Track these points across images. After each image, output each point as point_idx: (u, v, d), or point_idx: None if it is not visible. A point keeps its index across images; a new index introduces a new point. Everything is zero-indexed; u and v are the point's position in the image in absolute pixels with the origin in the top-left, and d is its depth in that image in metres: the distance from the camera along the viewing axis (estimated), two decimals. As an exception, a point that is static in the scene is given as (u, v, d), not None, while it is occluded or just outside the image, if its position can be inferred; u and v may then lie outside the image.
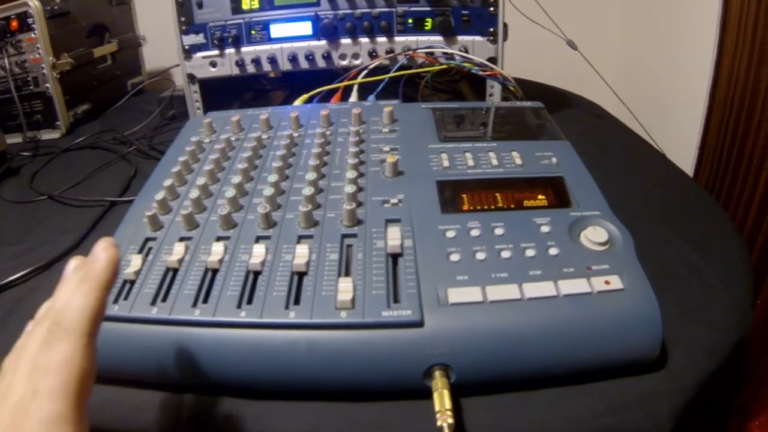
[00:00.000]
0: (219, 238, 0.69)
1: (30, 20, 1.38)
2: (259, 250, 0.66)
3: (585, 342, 0.59)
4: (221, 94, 1.32)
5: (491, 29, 1.15)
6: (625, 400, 0.58)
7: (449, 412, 0.53)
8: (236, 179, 0.77)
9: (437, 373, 0.56)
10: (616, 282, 0.61)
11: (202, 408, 0.60)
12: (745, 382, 1.08)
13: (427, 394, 0.56)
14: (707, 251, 0.80)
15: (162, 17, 1.34)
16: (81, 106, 1.55)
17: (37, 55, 1.41)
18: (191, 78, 1.24)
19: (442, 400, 0.54)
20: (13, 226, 1.03)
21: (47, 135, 1.47)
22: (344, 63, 1.20)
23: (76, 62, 1.48)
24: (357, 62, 1.19)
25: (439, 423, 0.52)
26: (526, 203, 0.72)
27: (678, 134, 1.66)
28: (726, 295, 0.72)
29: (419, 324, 0.57)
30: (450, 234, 0.67)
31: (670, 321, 0.61)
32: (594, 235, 0.66)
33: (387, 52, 1.17)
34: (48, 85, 1.43)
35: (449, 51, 1.14)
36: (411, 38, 1.17)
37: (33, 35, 1.39)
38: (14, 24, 1.39)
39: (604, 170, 0.80)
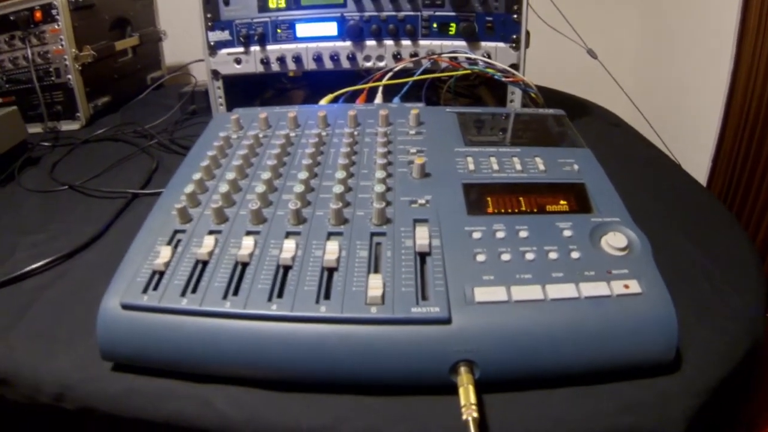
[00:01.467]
0: (249, 233, 0.71)
1: (54, 11, 1.40)
2: (289, 245, 0.67)
3: (604, 343, 0.60)
4: (241, 90, 1.33)
5: (514, 36, 1.16)
6: (640, 401, 0.59)
7: (474, 407, 0.54)
8: (265, 175, 0.78)
9: (463, 369, 0.57)
10: (634, 286, 0.62)
11: (227, 398, 0.61)
12: (754, 392, 1.09)
13: (448, 389, 0.58)
14: (721, 260, 0.81)
15: (183, 13, 1.35)
16: (101, 98, 1.56)
17: (60, 47, 1.42)
18: (215, 74, 1.25)
19: (467, 395, 0.55)
20: (34, 215, 1.04)
21: (67, 126, 1.49)
22: (369, 64, 1.21)
23: (98, 55, 1.50)
24: (381, 64, 1.20)
25: (464, 417, 0.53)
26: (549, 208, 0.73)
27: (693, 144, 1.66)
28: (739, 303, 0.73)
29: (447, 321, 0.59)
30: (476, 235, 0.68)
31: (685, 326, 0.62)
32: (614, 241, 0.67)
33: (411, 56, 1.19)
34: (70, 76, 1.45)
35: (472, 56, 1.15)
36: (435, 42, 1.18)
37: (56, 26, 1.41)
38: (38, 15, 1.41)
39: (620, 178, 0.81)
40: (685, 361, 0.63)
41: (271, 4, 1.19)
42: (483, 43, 1.18)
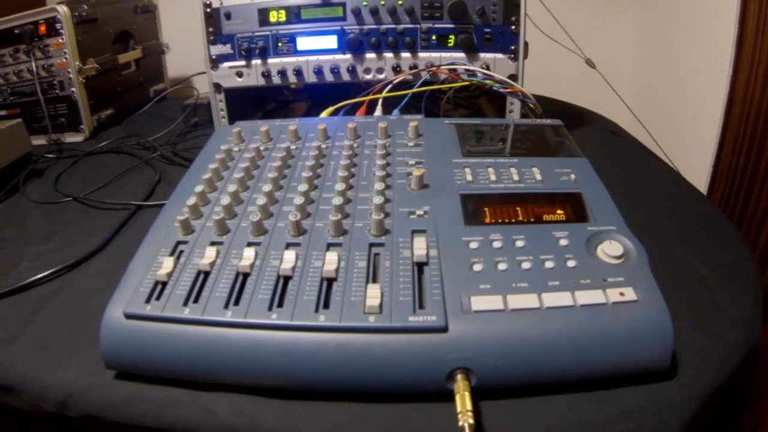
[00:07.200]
0: (250, 244, 0.72)
1: (58, 25, 1.42)
2: (289, 256, 0.68)
3: (599, 350, 0.61)
4: (243, 103, 1.34)
5: (512, 47, 1.17)
6: (636, 407, 0.60)
7: (470, 413, 0.55)
8: (266, 188, 0.79)
9: (459, 377, 0.58)
10: (630, 294, 0.63)
11: (229, 405, 0.62)
12: (756, 398, 1.09)
13: (445, 396, 0.58)
14: (719, 267, 0.82)
15: (185, 26, 1.36)
16: (105, 110, 1.58)
17: (64, 60, 1.44)
18: (217, 87, 1.27)
19: (463, 402, 0.56)
20: (39, 226, 1.05)
21: (71, 138, 1.50)
22: (368, 77, 1.22)
23: (102, 68, 1.51)
24: (381, 76, 1.21)
25: (460, 423, 0.54)
26: (546, 217, 0.74)
27: (693, 152, 1.67)
28: (736, 310, 0.73)
29: (444, 329, 0.59)
30: (473, 245, 0.69)
31: (681, 333, 0.63)
32: (610, 249, 0.68)
33: (411, 68, 1.20)
34: (73, 89, 1.46)
35: (471, 68, 1.15)
36: (434, 54, 1.19)
37: (60, 40, 1.43)
38: (42, 29, 1.42)
39: (620, 186, 0.81)
40: (681, 367, 0.64)
41: (272, 18, 1.21)
42: (482, 55, 1.19)
